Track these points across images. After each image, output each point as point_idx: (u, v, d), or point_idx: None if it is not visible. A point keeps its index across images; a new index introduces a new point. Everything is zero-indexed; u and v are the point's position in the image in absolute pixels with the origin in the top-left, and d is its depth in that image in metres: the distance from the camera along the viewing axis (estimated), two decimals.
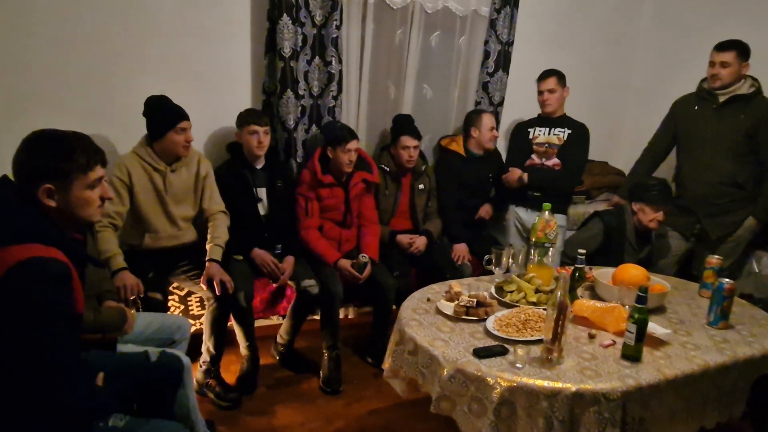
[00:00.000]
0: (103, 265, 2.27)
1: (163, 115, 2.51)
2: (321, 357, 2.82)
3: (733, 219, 3.10)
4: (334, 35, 3.01)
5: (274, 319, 3.17)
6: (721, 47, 2.95)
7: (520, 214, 3.38)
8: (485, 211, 3.47)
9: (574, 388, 1.56)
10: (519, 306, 2.03)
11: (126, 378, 1.74)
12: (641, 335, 1.71)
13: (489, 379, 1.60)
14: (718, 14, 3.63)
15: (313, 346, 2.99)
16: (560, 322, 1.66)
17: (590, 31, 3.92)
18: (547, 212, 2.31)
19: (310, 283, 2.74)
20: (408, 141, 3.11)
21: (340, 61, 3.08)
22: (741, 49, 2.91)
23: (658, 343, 1.84)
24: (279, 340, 2.98)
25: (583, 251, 2.15)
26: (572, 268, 2.27)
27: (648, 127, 3.46)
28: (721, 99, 3.01)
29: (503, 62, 3.54)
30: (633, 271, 2.18)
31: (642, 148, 3.47)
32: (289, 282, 2.85)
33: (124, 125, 2.62)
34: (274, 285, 2.87)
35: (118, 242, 2.46)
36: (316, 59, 3.05)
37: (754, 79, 3.00)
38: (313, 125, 3.16)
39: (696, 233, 3.24)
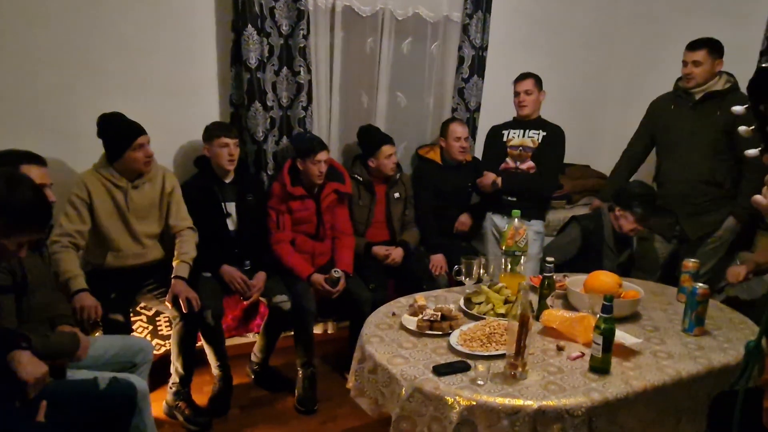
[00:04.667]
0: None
1: (118, 134, 2.43)
2: (296, 374, 2.75)
3: (712, 218, 3.04)
4: (302, 45, 2.96)
5: (250, 337, 3.10)
6: (692, 46, 2.91)
7: (496, 221, 3.30)
8: (462, 223, 3.38)
9: (535, 405, 1.48)
10: (486, 318, 1.95)
11: (73, 408, 1.66)
12: (608, 346, 1.64)
13: (448, 398, 1.52)
14: (693, 13, 3.60)
15: (290, 363, 2.90)
16: (523, 336, 1.59)
17: (565, 34, 3.87)
18: (516, 219, 2.24)
19: (282, 299, 2.67)
20: (390, 149, 3.07)
21: (309, 71, 3.03)
22: (712, 47, 2.87)
23: (629, 353, 1.77)
24: (253, 358, 2.90)
25: (551, 259, 2.08)
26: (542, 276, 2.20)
27: (628, 128, 3.41)
28: (697, 96, 2.97)
29: (478, 67, 3.49)
30: (603, 278, 2.11)
31: (622, 150, 3.42)
32: (261, 298, 2.78)
33: (86, 143, 2.54)
34: (246, 302, 2.80)
35: (80, 262, 2.39)
36: (284, 70, 2.99)
37: (730, 75, 2.95)
38: (284, 137, 3.10)
39: (677, 235, 3.17)
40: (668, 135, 3.14)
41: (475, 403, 1.50)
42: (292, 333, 2.81)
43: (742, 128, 0.94)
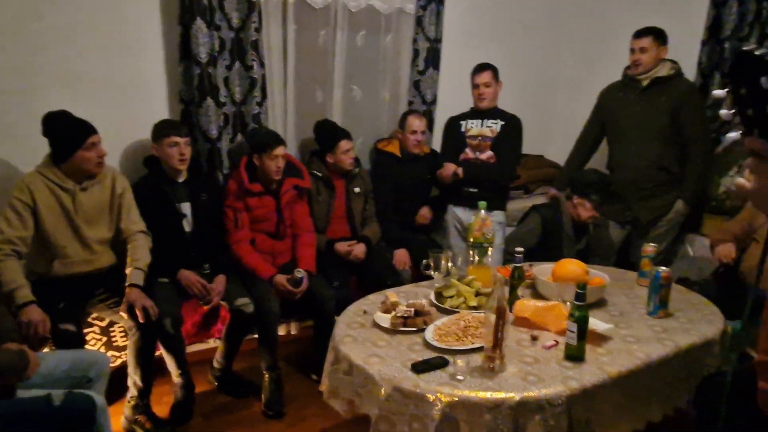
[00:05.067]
0: None
1: (68, 133, 2.28)
2: (262, 378, 2.66)
3: (661, 203, 3.15)
4: (254, 38, 2.85)
5: (211, 342, 2.99)
6: (639, 34, 3.03)
7: (458, 214, 3.31)
8: (422, 216, 3.36)
9: (517, 398, 1.48)
10: (459, 312, 1.94)
11: (26, 427, 1.55)
12: (583, 334, 1.66)
13: (429, 396, 1.50)
14: (639, 5, 3.69)
15: (254, 367, 2.81)
16: (500, 328, 1.58)
17: (516, 25, 3.92)
18: (483, 210, 2.24)
19: (244, 302, 2.58)
20: (348, 144, 3.02)
21: (262, 65, 2.93)
22: (657, 34, 2.99)
23: (600, 339, 1.80)
24: (215, 364, 2.79)
25: (521, 249, 2.09)
26: (511, 267, 2.20)
27: (579, 118, 3.49)
28: (644, 83, 3.08)
29: (433, 60, 3.48)
30: (571, 266, 2.14)
31: (575, 139, 3.49)
32: (222, 302, 2.68)
33: (26, 144, 2.38)
34: (205, 307, 2.69)
35: (24, 271, 2.22)
36: (236, 64, 2.89)
37: (674, 62, 3.08)
38: (238, 134, 2.99)
39: (629, 220, 3.27)
40: (617, 122, 3.24)
41: (456, 399, 1.48)
42: (255, 336, 2.73)
43: (723, 111, 0.94)
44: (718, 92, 0.95)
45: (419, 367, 1.60)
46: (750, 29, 3.26)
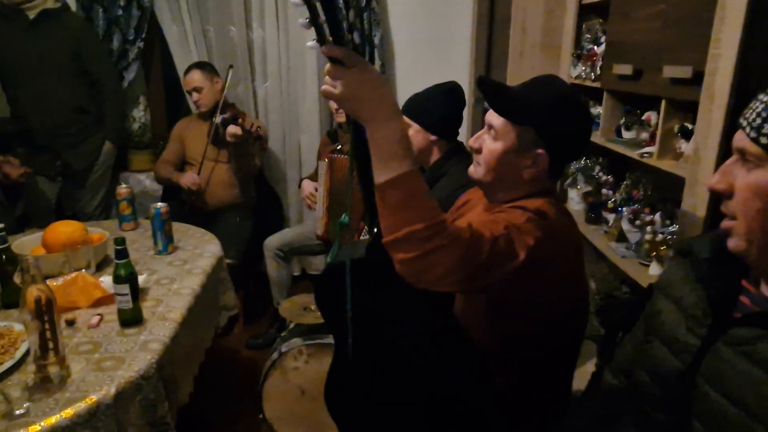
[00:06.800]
0: None
1: None
2: None
3: (91, 147, 2.97)
4: None
5: None
6: None
7: None
8: None
9: (112, 391, 1.19)
10: None
11: None
12: (137, 293, 1.45)
13: None
14: None
15: None
16: (48, 327, 1.19)
17: None
18: None
19: None
20: None
21: None
22: None
23: (141, 293, 1.62)
24: None
25: (1, 226, 1.56)
26: None
27: None
28: (31, 15, 2.71)
29: None
30: (63, 228, 1.77)
31: None
32: None
33: None
34: None
35: None
36: None
37: None
38: None
39: (60, 171, 2.94)
40: (10, 62, 2.78)
41: None
42: None
43: (300, 20, 0.98)
44: (295, 0, 0.97)
45: None
46: None
